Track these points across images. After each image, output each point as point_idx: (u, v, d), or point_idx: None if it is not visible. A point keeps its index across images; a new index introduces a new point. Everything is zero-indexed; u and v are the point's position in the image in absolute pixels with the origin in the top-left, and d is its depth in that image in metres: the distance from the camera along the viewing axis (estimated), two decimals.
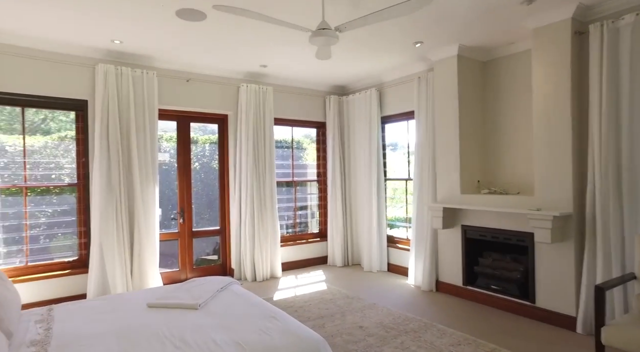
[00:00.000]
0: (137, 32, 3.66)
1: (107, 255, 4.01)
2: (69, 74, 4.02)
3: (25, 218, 3.96)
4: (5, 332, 1.81)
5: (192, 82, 4.79)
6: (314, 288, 4.67)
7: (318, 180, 6.15)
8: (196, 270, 5.02)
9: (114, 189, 4.07)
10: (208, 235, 5.23)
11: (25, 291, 3.81)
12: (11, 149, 3.96)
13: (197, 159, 5.23)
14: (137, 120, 4.26)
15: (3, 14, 3.21)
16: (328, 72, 5.22)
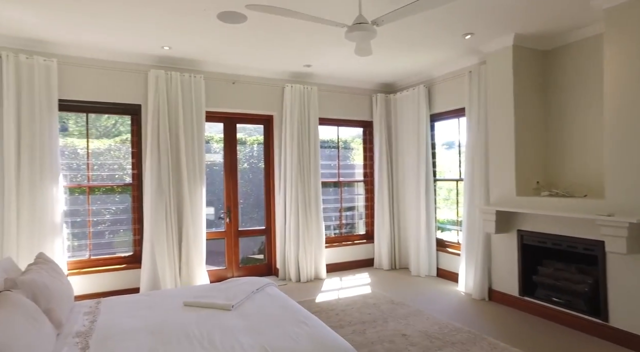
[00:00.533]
0: (183, 38, 3.79)
1: (158, 252, 4.21)
2: (124, 81, 4.27)
3: (89, 215, 4.27)
4: (56, 323, 1.93)
5: (238, 84, 4.89)
6: (357, 291, 4.56)
7: (365, 180, 6.01)
8: (242, 269, 5.12)
9: (164, 189, 4.26)
10: (254, 234, 5.31)
11: (87, 282, 4.11)
12: (82, 152, 4.28)
13: (245, 160, 5.33)
14: (185, 123, 4.42)
15: (68, 30, 3.48)
16: (374, 70, 5.07)
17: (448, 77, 4.94)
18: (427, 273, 5.17)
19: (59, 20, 3.34)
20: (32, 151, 3.72)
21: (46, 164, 3.78)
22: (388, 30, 3.62)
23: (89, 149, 4.29)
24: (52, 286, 2.03)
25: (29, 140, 3.72)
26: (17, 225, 3.65)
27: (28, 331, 1.55)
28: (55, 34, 3.65)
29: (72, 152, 4.26)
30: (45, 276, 2.08)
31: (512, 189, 3.89)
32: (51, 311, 1.93)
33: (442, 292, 4.52)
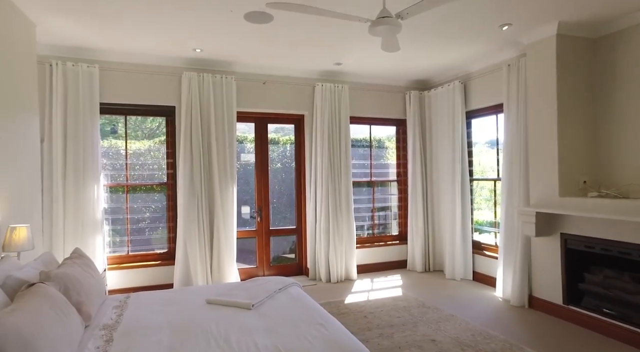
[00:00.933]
0: (213, 40, 3.86)
1: (190, 250, 4.33)
2: (160, 83, 4.43)
3: (127, 213, 4.47)
4: (85, 315, 2.02)
5: (269, 84, 4.92)
6: (388, 293, 4.44)
7: (398, 180, 5.86)
8: (273, 268, 5.15)
9: (196, 189, 4.37)
10: (284, 234, 5.33)
11: (125, 277, 4.30)
12: (125, 153, 4.50)
13: (279, 160, 5.37)
14: (217, 123, 4.51)
15: (108, 38, 3.65)
16: (407, 66, 4.93)
17: (485, 72, 4.71)
18: (462, 276, 4.95)
19: (100, 29, 3.53)
20: (76, 152, 3.95)
21: (88, 164, 3.99)
22: (420, 24, 3.49)
23: (127, 150, 4.49)
24: (83, 280, 2.12)
25: (74, 142, 3.94)
26: (63, 221, 3.88)
27: (55, 321, 1.62)
28: (97, 42, 3.85)
29: (115, 153, 4.48)
30: (78, 270, 2.18)
31: (555, 190, 3.63)
32: (81, 304, 2.02)
33: (478, 297, 4.30)
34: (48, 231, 3.85)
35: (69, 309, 1.81)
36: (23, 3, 3.01)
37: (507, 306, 4.00)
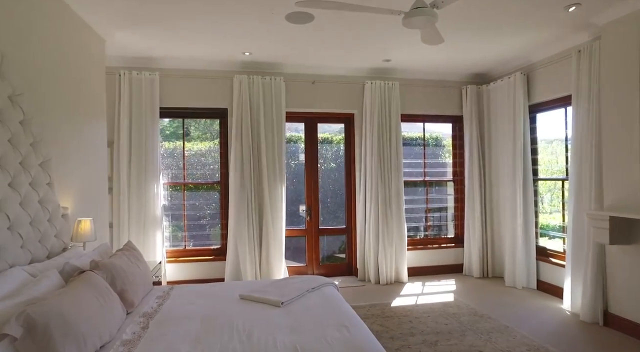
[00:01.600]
0: (260, 42, 3.97)
1: (240, 246, 4.49)
2: (214, 87, 4.66)
3: (184, 210, 4.77)
4: (129, 303, 2.19)
5: (318, 83, 4.94)
6: (438, 298, 4.22)
7: (454, 180, 5.55)
8: (322, 267, 5.16)
9: (246, 188, 4.53)
10: (334, 233, 5.32)
11: (182, 270, 4.59)
12: (187, 153, 4.82)
13: (332, 159, 5.38)
14: (266, 124, 4.63)
15: (167, 47, 3.93)
16: (462, 60, 4.65)
17: (550, 61, 4.27)
18: (524, 284, 4.54)
19: (160, 41, 3.84)
20: (138, 153, 4.30)
21: (149, 164, 4.32)
22: (468, 14, 3.27)
23: (184, 150, 4.79)
24: (129, 270, 2.30)
25: (137, 144, 4.29)
26: (128, 216, 4.25)
27: (96, 306, 1.78)
28: (158, 52, 4.16)
29: (175, 154, 4.81)
30: (125, 261, 2.37)
31: (636, 192, 3.17)
32: (125, 292, 2.19)
33: (540, 308, 3.92)
34: (117, 225, 4.24)
35: (111, 296, 1.96)
36: (94, 22, 3.35)
37: (576, 321, 3.59)
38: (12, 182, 2.08)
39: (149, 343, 1.80)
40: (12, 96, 2.10)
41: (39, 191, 2.30)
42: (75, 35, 3.12)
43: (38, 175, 2.30)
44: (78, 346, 1.57)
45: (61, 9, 2.88)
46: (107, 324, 1.80)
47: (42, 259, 2.30)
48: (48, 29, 2.68)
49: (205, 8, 3.14)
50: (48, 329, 1.50)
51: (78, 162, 3.07)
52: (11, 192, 2.06)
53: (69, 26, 3.00)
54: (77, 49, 3.15)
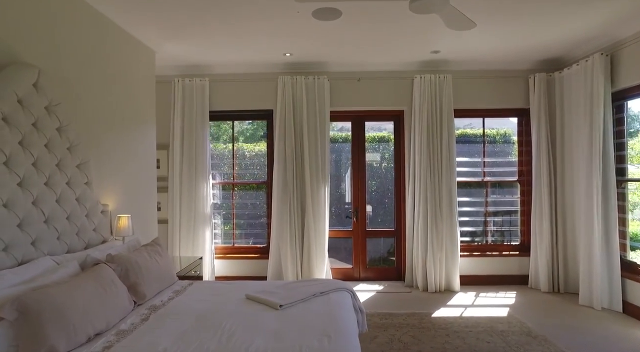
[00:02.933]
0: (298, 43, 3.96)
1: (282, 246, 4.55)
2: (259, 89, 4.79)
3: (233, 208, 4.99)
4: (140, 295, 2.35)
5: (364, 80, 4.80)
6: (489, 312, 3.81)
7: (519, 180, 4.97)
8: (369, 270, 5.00)
9: (289, 188, 4.57)
10: (382, 236, 5.11)
11: (229, 266, 4.81)
12: (250, 154, 5.06)
13: (381, 158, 5.20)
14: (309, 124, 4.62)
15: (212, 55, 4.16)
16: (528, 44, 4.09)
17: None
18: (605, 305, 3.87)
19: (206, 48, 4.07)
20: (190, 154, 4.60)
21: (199, 165, 4.61)
22: None
23: (234, 151, 5.01)
24: (144, 265, 2.47)
25: (188, 146, 4.60)
26: (179, 215, 4.58)
27: (93, 296, 1.93)
28: (205, 59, 4.41)
29: (229, 154, 5.04)
30: (144, 256, 2.55)
31: None
32: (137, 285, 2.35)
33: (622, 336, 3.29)
34: (171, 222, 4.60)
35: (115, 288, 2.12)
36: (144, 36, 3.66)
37: None
38: (48, 182, 2.36)
39: (139, 335, 1.90)
40: (49, 106, 2.38)
41: (75, 190, 2.58)
42: (125, 49, 3.44)
43: (75, 175, 2.59)
44: (67, 333, 1.72)
45: (109, 28, 3.20)
46: (104, 314, 1.95)
47: (79, 250, 2.58)
48: (93, 46, 2.99)
49: (241, 14, 3.23)
50: (39, 315, 1.66)
51: (124, 164, 3.39)
52: (47, 191, 2.34)
53: (116, 42, 3.32)
54: (126, 61, 3.48)
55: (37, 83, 2.29)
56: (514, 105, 4.83)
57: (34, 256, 2.22)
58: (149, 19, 3.30)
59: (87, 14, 2.92)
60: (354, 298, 2.68)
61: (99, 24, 3.07)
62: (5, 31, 2.19)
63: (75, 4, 2.79)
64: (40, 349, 1.64)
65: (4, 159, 2.06)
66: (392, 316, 3.69)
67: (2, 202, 2.05)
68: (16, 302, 1.65)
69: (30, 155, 2.22)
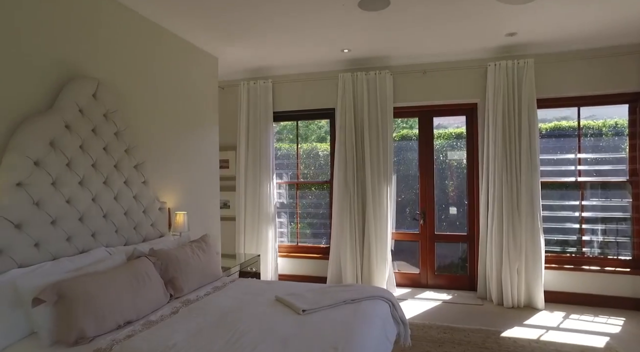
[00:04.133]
0: (354, 38, 3.80)
1: (341, 247, 4.45)
2: (321, 88, 4.76)
3: (297, 208, 5.05)
4: (177, 289, 2.48)
5: (429, 73, 4.45)
6: (579, 339, 3.21)
7: (630, 181, 4.10)
8: (438, 277, 4.62)
9: (349, 188, 4.45)
10: (453, 240, 4.68)
11: (291, 265, 4.88)
12: (323, 154, 5.12)
13: (451, 156, 4.79)
14: (371, 121, 4.44)
15: (273, 57, 4.24)
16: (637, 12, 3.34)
17: None
18: None
19: (267, 52, 4.14)
20: (254, 154, 4.78)
21: (264, 165, 4.75)
22: None
23: (298, 151, 5.06)
24: (184, 260, 2.60)
25: (253, 146, 4.78)
26: (244, 213, 4.79)
27: (124, 287, 2.08)
28: (267, 61, 4.50)
29: (290, 154, 5.14)
30: (187, 251, 2.69)
31: None
32: (175, 279, 2.49)
33: None
34: (238, 220, 4.82)
35: (150, 282, 2.26)
36: (206, 44, 3.90)
37: None
38: (106, 181, 2.63)
39: (162, 327, 2.00)
40: (107, 113, 2.66)
41: (132, 188, 2.84)
42: (185, 57, 3.70)
43: (132, 175, 2.85)
44: (96, 319, 1.88)
45: (169, 39, 3.47)
46: (134, 305, 2.09)
47: (136, 243, 2.84)
48: (154, 57, 3.27)
49: (290, 12, 3.21)
50: (73, 300, 1.84)
51: (185, 164, 3.65)
52: (105, 189, 2.62)
53: (177, 51, 3.58)
54: (187, 68, 3.73)
55: (95, 93, 2.57)
56: (623, 89, 4.00)
57: (93, 246, 2.50)
58: (208, 26, 3.44)
59: (147, 28, 3.20)
60: (394, 308, 2.48)
61: (158, 35, 3.34)
62: (69, 49, 2.49)
63: (136, 20, 3.07)
64: (72, 331, 1.82)
65: (66, 161, 2.35)
66: (453, 330, 3.34)
67: (65, 199, 2.34)
68: (55, 287, 1.85)
69: (89, 158, 2.50)
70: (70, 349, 1.80)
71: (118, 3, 2.88)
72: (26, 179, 2.13)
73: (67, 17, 2.48)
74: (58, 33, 2.41)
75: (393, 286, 4.47)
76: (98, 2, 2.71)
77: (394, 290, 4.46)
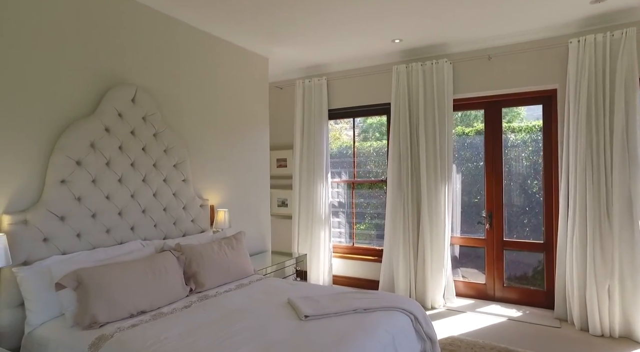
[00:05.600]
0: (404, 25, 3.53)
1: (394, 251, 4.18)
2: (376, 83, 4.53)
3: (352, 207, 4.89)
4: (198, 283, 2.55)
5: (495, 58, 3.93)
6: None
7: None
8: (507, 289, 4.05)
9: (403, 187, 4.16)
10: (525, 249, 4.06)
11: (347, 266, 4.74)
12: (381, 152, 4.92)
13: (524, 152, 4.18)
14: (427, 116, 4.09)
15: (325, 54, 4.19)
16: None
17: None
18: None
19: (319, 48, 4.10)
20: (309, 153, 4.74)
21: (317, 163, 4.70)
22: None
23: (355, 149, 4.90)
24: (208, 256, 2.65)
25: (307, 144, 4.75)
26: (298, 211, 4.79)
27: (140, 278, 2.18)
28: (320, 58, 4.45)
29: (350, 152, 4.97)
30: (212, 248, 2.73)
31: None
32: (197, 274, 2.56)
33: None
34: (293, 218, 4.84)
35: (166, 274, 2.34)
36: (255, 47, 3.99)
37: None
38: (145, 179, 2.84)
39: (168, 320, 2.07)
40: (146, 116, 2.86)
41: (171, 186, 3.03)
42: (234, 60, 3.83)
43: (171, 173, 3.03)
44: (108, 306, 2.02)
45: (215, 44, 3.62)
46: (147, 296, 2.19)
47: (175, 237, 3.02)
48: (197, 60, 3.44)
49: (336, 5, 3.10)
50: (88, 287, 2.01)
51: (232, 164, 3.77)
52: (143, 186, 2.83)
53: (224, 54, 3.72)
54: (236, 70, 3.85)
55: (134, 98, 2.78)
56: None
57: (131, 238, 2.72)
58: (255, 29, 3.48)
59: (191, 34, 3.38)
60: (417, 322, 2.21)
61: (204, 41, 3.50)
62: (113, 59, 2.74)
63: (181, 28, 3.26)
64: (86, 315, 1.98)
65: (105, 161, 2.59)
66: None
67: (104, 195, 2.58)
68: (75, 274, 2.04)
69: (127, 157, 2.73)
70: (83, 332, 1.96)
71: (162, 14, 3.09)
72: (69, 177, 2.39)
73: (111, 30, 2.72)
74: (102, 45, 2.67)
75: (452, 296, 4.05)
76: (141, 15, 2.93)
77: (452, 300, 4.04)
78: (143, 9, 2.94)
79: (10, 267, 2.14)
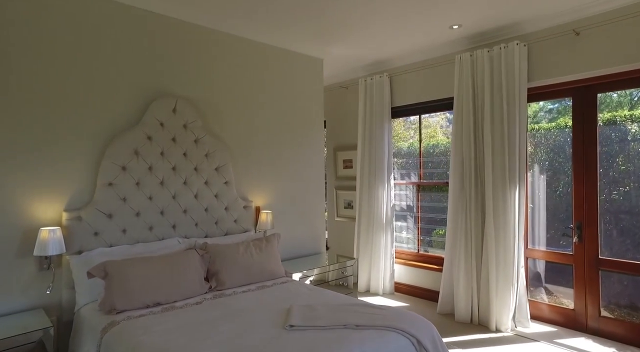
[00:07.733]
0: (463, 8, 3.13)
1: (455, 261, 3.73)
2: (439, 76, 4.13)
3: (418, 211, 4.53)
4: (219, 281, 2.65)
5: (584, 32, 3.20)
6: None
7: None
8: (605, 320, 3.26)
9: (465, 191, 3.70)
10: (630, 271, 3.19)
11: (410, 274, 4.41)
12: (437, 151, 4.58)
13: (624, 149, 3.33)
14: (494, 108, 3.55)
15: (383, 50, 4.01)
16: None
17: None
18: None
19: (376, 44, 3.94)
20: (370, 154, 4.55)
21: (379, 164, 4.48)
22: None
23: (421, 149, 4.52)
24: (232, 257, 2.73)
25: (369, 145, 4.56)
26: (359, 214, 4.62)
27: (159, 275, 2.39)
28: (379, 55, 4.26)
29: (417, 153, 4.57)
30: (237, 249, 2.81)
31: None
32: (218, 272, 2.67)
33: None
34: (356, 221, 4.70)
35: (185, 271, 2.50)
36: (308, 49, 4.02)
37: None
38: (186, 181, 3.10)
39: (174, 314, 2.22)
40: (186, 124, 3.12)
41: (212, 188, 3.24)
42: (287, 64, 3.91)
43: (212, 176, 3.24)
44: (126, 296, 2.27)
45: (265, 50, 3.75)
46: (163, 290, 2.38)
47: (218, 236, 3.22)
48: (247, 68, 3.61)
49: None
50: (112, 278, 2.29)
51: (281, 167, 3.85)
52: (184, 188, 3.09)
53: (274, 59, 3.82)
54: (288, 73, 3.93)
55: (175, 108, 3.06)
56: None
57: (173, 236, 3.00)
58: (306, 31, 3.51)
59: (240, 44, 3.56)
60: (420, 346, 1.94)
61: (249, 47, 3.65)
62: (158, 74, 3.06)
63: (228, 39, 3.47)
64: (107, 302, 2.26)
65: (148, 166, 2.91)
66: None
67: (147, 196, 2.90)
68: (103, 265, 2.34)
69: (168, 162, 3.01)
70: (104, 316, 2.24)
71: (205, 28, 3.33)
72: (115, 180, 2.76)
73: (158, 50, 3.04)
74: (149, 64, 3.00)
75: (526, 320, 3.44)
76: (184, 30, 3.20)
77: (526, 324, 3.42)
78: (186, 26, 3.21)
79: (66, 255, 2.56)
